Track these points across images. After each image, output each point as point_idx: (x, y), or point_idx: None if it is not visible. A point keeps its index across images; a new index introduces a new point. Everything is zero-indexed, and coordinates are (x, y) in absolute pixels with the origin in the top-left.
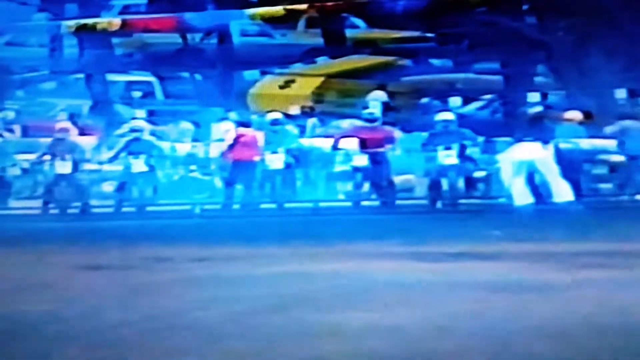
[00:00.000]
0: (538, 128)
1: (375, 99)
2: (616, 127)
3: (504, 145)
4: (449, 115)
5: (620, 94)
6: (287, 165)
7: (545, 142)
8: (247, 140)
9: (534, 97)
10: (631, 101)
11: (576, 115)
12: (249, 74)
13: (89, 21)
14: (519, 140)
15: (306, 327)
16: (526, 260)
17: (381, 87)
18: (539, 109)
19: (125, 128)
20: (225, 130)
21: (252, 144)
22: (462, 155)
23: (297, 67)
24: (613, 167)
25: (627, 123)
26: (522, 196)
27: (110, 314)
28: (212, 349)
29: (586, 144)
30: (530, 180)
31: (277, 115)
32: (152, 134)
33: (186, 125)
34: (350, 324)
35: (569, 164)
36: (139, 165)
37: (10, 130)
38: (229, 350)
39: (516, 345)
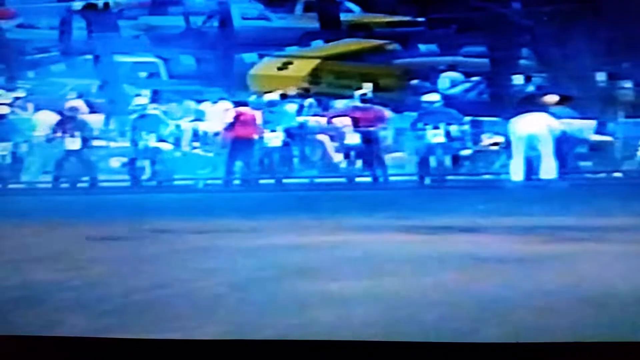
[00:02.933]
0: (529, 109)
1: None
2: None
3: (491, 125)
4: (435, 97)
5: (601, 77)
6: (285, 143)
7: (539, 120)
8: (247, 119)
9: (518, 79)
10: (611, 83)
11: (553, 98)
12: (248, 56)
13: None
14: (519, 113)
15: (302, 296)
16: (509, 233)
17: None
18: (531, 89)
19: (131, 106)
20: (225, 110)
21: (251, 122)
22: (449, 134)
23: (293, 50)
24: (592, 147)
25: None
26: (517, 172)
27: (117, 283)
28: (213, 316)
29: (568, 124)
30: (528, 157)
31: (274, 96)
32: (158, 111)
33: (189, 104)
34: (343, 293)
35: (558, 143)
36: (148, 141)
37: (23, 108)
38: (229, 318)
39: (500, 315)
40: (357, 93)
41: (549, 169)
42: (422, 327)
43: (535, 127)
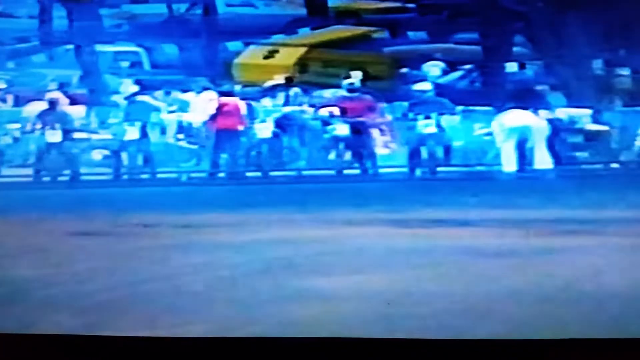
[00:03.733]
0: (525, 97)
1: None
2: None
3: (483, 115)
4: (426, 85)
5: (597, 64)
6: (274, 135)
7: (536, 109)
8: (230, 109)
9: (512, 67)
10: (607, 71)
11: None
12: (233, 44)
13: None
14: (509, 107)
15: (289, 292)
16: (502, 226)
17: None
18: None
19: (118, 96)
20: (209, 100)
21: (235, 113)
22: (440, 124)
23: (279, 38)
24: (588, 136)
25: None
26: (509, 163)
27: (99, 279)
28: (197, 313)
29: (562, 112)
30: (520, 147)
31: (280, 80)
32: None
33: (173, 94)
34: (332, 289)
35: (552, 133)
36: (132, 132)
37: (3, 100)
38: (214, 314)
39: (493, 310)
40: (345, 82)
41: (543, 159)
42: (414, 323)
43: (528, 117)
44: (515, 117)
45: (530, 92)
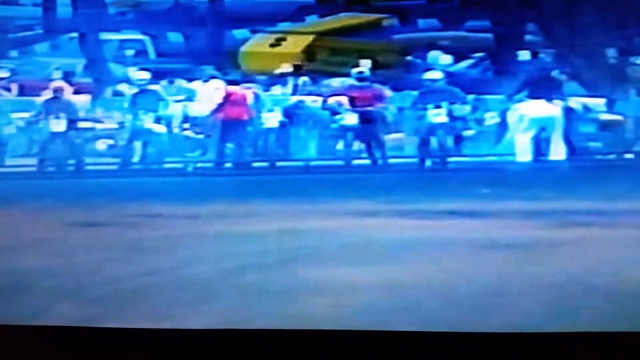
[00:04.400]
0: (538, 86)
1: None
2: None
3: (495, 104)
4: (437, 74)
5: (611, 53)
6: (281, 124)
7: (550, 99)
8: (237, 98)
9: (524, 55)
10: (621, 59)
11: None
12: (239, 32)
13: None
14: (522, 97)
15: (296, 284)
16: (515, 218)
17: None
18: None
19: (124, 85)
20: (215, 89)
21: (242, 102)
22: (451, 113)
23: (286, 26)
24: (602, 126)
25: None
26: (524, 153)
27: (105, 270)
28: (203, 304)
29: (576, 102)
30: (536, 137)
31: (288, 67)
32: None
33: (178, 83)
34: (339, 280)
35: (567, 123)
36: (137, 122)
37: (7, 89)
38: (220, 306)
39: (504, 302)
40: (354, 71)
41: (558, 150)
42: (423, 315)
43: (546, 107)
44: (534, 107)
45: (543, 81)
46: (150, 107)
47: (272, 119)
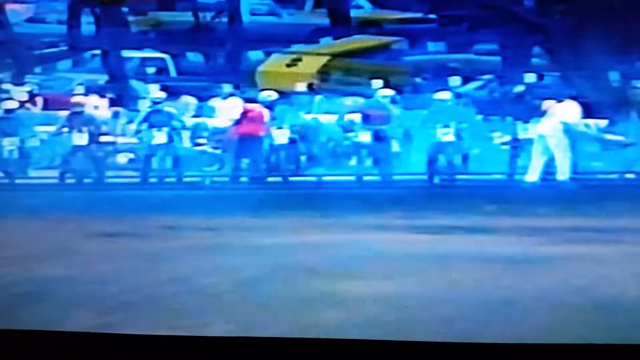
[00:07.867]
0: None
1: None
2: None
3: (501, 124)
4: (447, 95)
5: (614, 76)
6: (292, 141)
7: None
8: (254, 115)
9: (530, 77)
10: (623, 82)
11: (550, 104)
12: (256, 52)
13: None
14: (529, 117)
15: (308, 296)
16: (519, 234)
17: None
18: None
19: (145, 102)
20: (233, 106)
21: (258, 119)
22: (459, 133)
23: (302, 47)
24: (604, 147)
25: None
26: (533, 172)
27: (123, 279)
28: (219, 314)
29: (580, 123)
30: (545, 157)
31: (302, 87)
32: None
33: (197, 100)
34: (350, 293)
35: (571, 142)
36: (158, 137)
37: (33, 103)
38: (235, 315)
39: (509, 316)
40: (380, 93)
41: (563, 169)
42: (431, 327)
43: (553, 127)
44: (543, 127)
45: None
46: (169, 123)
47: (281, 136)
